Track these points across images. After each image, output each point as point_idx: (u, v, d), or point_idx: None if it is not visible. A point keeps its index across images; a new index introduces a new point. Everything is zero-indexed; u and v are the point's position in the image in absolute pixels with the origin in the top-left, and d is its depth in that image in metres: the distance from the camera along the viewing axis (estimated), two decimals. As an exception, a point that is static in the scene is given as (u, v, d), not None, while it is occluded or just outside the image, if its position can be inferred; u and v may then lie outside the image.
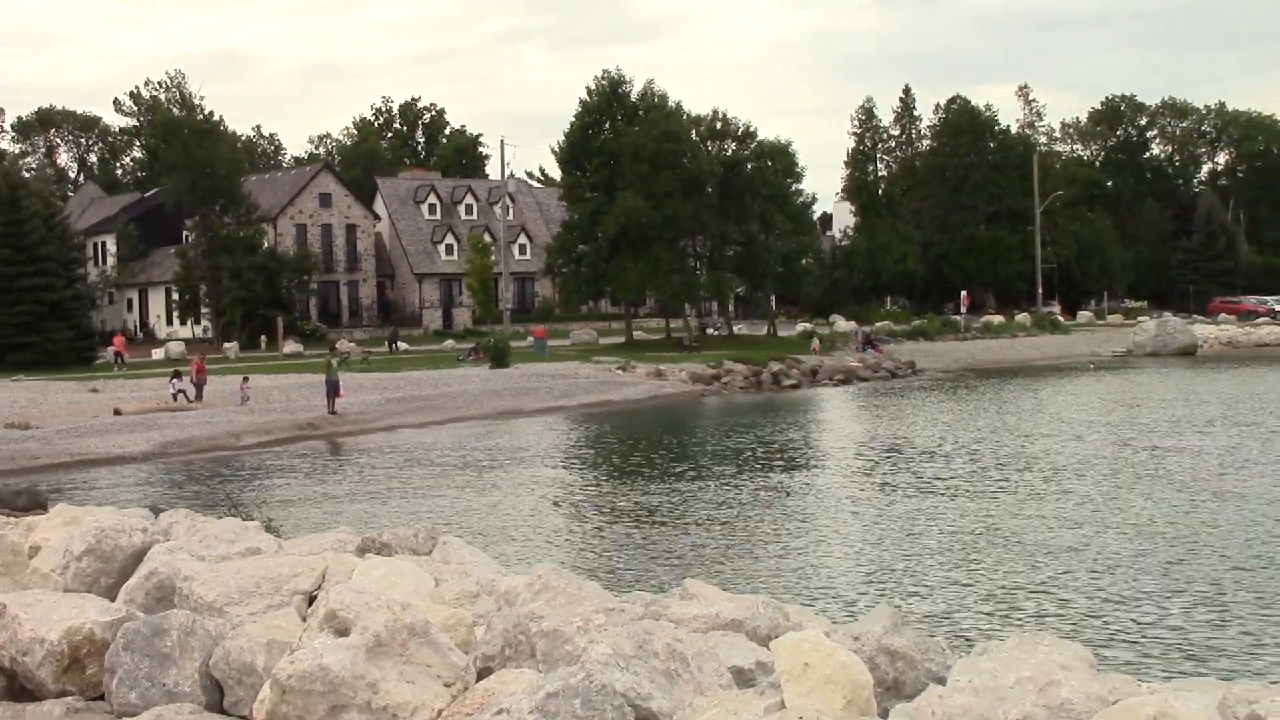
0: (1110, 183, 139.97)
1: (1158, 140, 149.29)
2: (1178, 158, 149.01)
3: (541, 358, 58.36)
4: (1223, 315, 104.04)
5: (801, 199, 79.05)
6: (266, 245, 79.17)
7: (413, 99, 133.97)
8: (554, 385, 48.73)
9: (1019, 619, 14.04)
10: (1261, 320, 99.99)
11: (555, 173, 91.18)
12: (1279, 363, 64.51)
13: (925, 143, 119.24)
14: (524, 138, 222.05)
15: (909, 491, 23.95)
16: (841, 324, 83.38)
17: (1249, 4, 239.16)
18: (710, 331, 78.03)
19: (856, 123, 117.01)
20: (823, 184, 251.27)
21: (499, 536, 19.96)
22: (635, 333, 74.84)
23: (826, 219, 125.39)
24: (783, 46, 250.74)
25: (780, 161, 74.53)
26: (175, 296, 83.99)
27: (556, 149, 74.25)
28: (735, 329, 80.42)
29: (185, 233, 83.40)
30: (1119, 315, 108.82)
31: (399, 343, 68.83)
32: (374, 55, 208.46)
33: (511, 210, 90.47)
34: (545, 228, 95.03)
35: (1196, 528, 19.08)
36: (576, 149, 71.77)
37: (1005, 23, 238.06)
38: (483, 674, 8.02)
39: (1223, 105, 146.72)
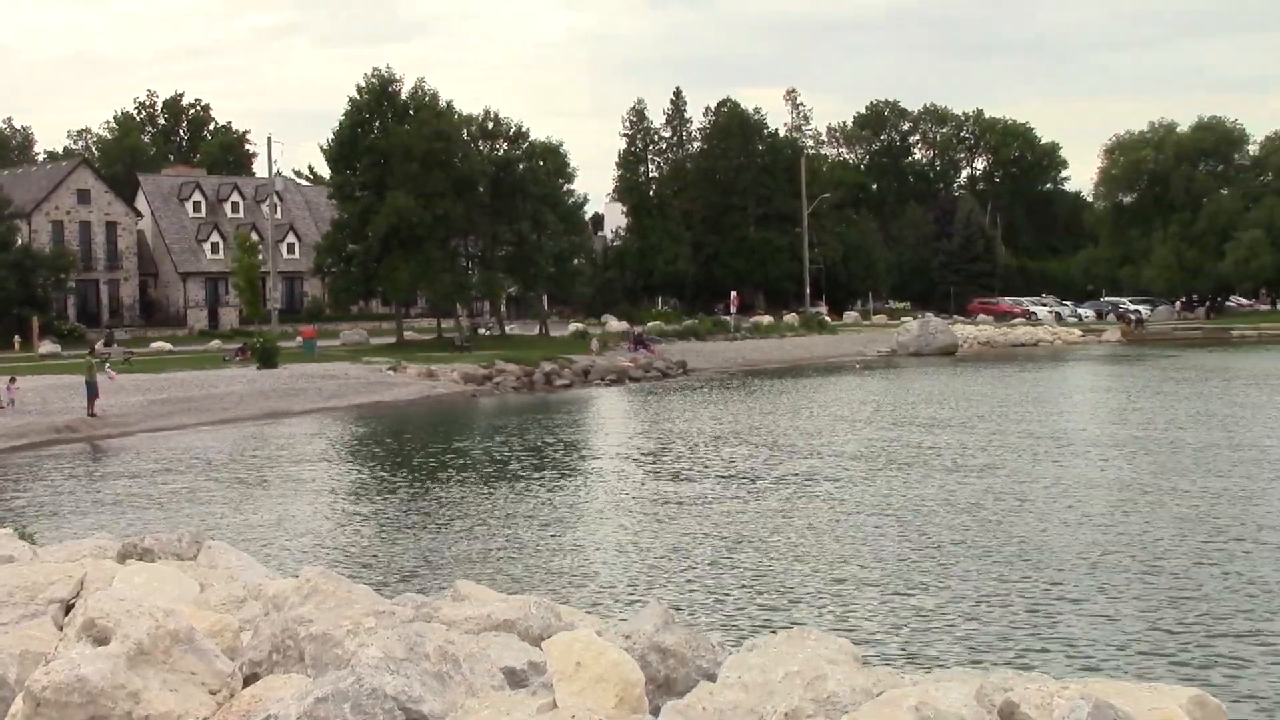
0: (874, 186, 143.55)
1: (919, 145, 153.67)
2: (938, 162, 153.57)
3: (311, 358, 57.46)
4: (981, 316, 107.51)
5: (573, 199, 79.39)
6: (20, 242, 76.24)
7: (177, 94, 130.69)
8: (323, 386, 48.01)
9: (789, 614, 14.24)
10: (1017, 321, 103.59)
11: (324, 171, 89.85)
12: (1031, 361, 66.94)
13: (696, 145, 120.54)
14: (292, 135, 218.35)
15: (680, 490, 24.16)
16: (613, 324, 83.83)
17: (1005, 14, 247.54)
18: (482, 331, 77.75)
19: (627, 124, 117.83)
20: (594, 185, 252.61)
21: (267, 540, 19.56)
22: (406, 333, 74.15)
23: (598, 219, 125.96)
24: (553, 47, 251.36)
25: (552, 162, 74.67)
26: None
27: (325, 147, 73.16)
28: (507, 329, 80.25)
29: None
30: (883, 316, 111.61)
31: (115, 344, 63.99)
32: (135, 48, 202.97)
33: (279, 209, 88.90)
34: (314, 227, 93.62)
35: (958, 524, 19.61)
36: (346, 147, 70.78)
37: (773, 27, 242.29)
38: (250, 680, 7.84)
39: (980, 112, 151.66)
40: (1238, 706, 10.35)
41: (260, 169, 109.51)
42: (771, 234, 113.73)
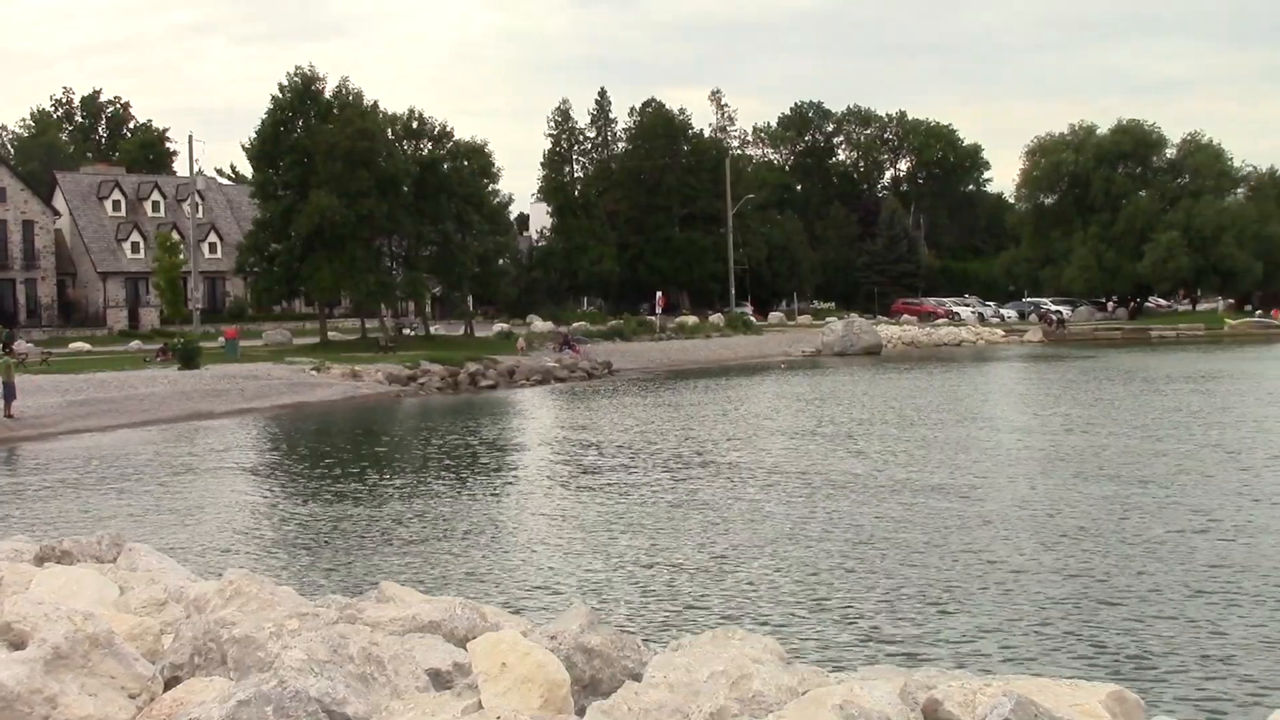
0: (799, 187, 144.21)
1: (843, 146, 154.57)
2: (862, 164, 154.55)
3: (233, 359, 56.97)
4: (905, 316, 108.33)
5: (498, 199, 79.22)
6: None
7: (95, 91, 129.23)
8: (246, 387, 47.62)
9: (716, 613, 14.27)
10: (940, 321, 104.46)
11: (247, 170, 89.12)
12: (954, 362, 67.54)
13: (621, 145, 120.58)
14: (213, 134, 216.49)
15: (605, 490, 24.16)
16: (539, 324, 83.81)
17: (927, 16, 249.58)
18: (407, 332, 77.42)
19: (553, 124, 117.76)
20: (519, 185, 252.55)
21: (190, 542, 19.37)
22: (330, 333, 73.71)
23: (523, 220, 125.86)
24: (478, 46, 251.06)
25: (476, 162, 74.48)
26: None
27: (247, 146, 72.49)
28: (432, 329, 79.96)
29: None
30: (808, 316, 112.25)
31: (16, 344, 61.43)
32: (51, 43, 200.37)
33: (201, 208, 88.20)
34: (237, 226, 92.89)
35: (884, 523, 19.72)
36: (268, 146, 70.17)
37: (698, 28, 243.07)
38: (171, 684, 7.77)
39: (904, 114, 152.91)
40: (1156, 701, 10.48)
41: (181, 167, 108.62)
42: (696, 234, 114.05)
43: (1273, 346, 76.64)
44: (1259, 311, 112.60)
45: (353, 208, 65.42)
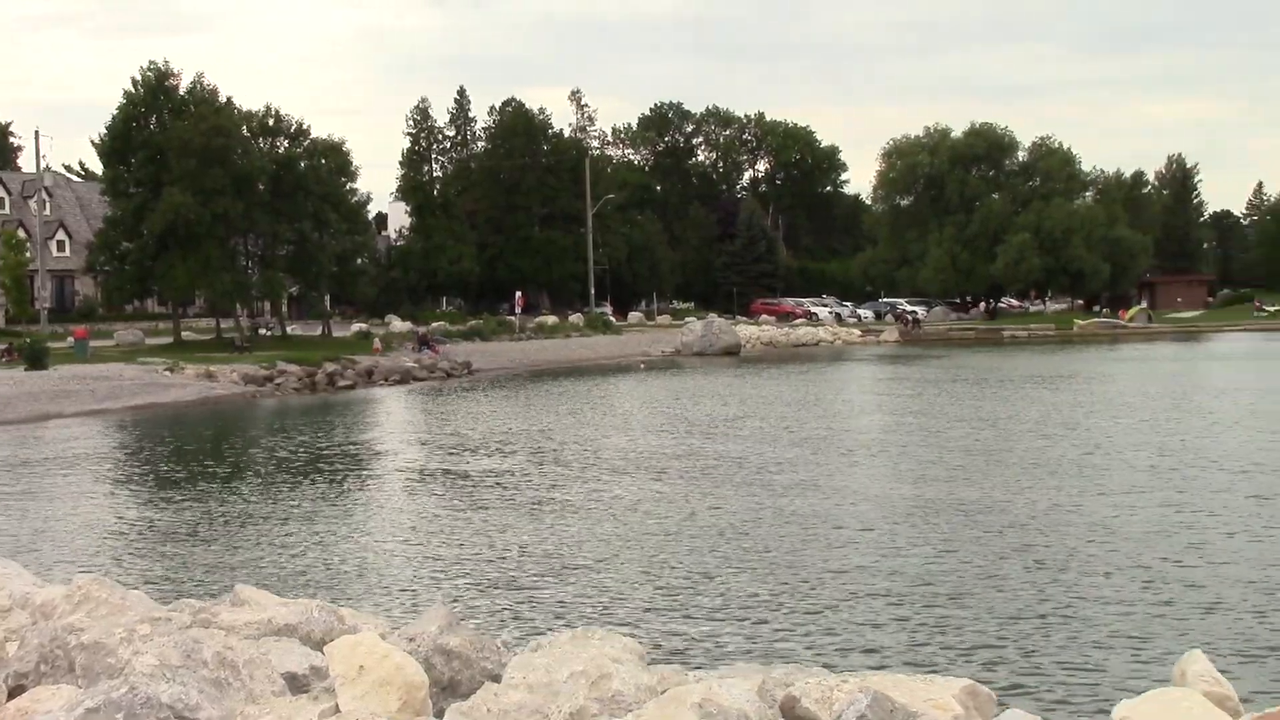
0: (659, 187, 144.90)
1: (703, 147, 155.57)
2: (721, 164, 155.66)
3: (83, 359, 55.75)
4: (764, 317, 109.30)
5: (356, 198, 78.55)
6: None
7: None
8: (97, 388, 46.63)
9: (575, 613, 14.25)
10: (799, 322, 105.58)
11: (97, 166, 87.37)
12: (812, 362, 68.30)
13: (480, 144, 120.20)
14: (61, 129, 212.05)
15: (465, 490, 24.03)
16: (397, 324, 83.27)
17: (785, 18, 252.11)
18: (263, 332, 76.40)
19: (411, 123, 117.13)
20: (378, 184, 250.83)
21: (35, 547, 18.91)
22: (185, 333, 72.54)
23: (382, 219, 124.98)
24: (335, 44, 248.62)
25: (334, 160, 73.83)
26: None
27: (98, 142, 71.07)
28: (289, 329, 79.06)
29: None
30: (668, 316, 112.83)
31: None
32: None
33: (48, 205, 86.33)
34: (87, 224, 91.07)
35: (743, 523, 19.83)
36: (120, 142, 68.84)
37: (557, 27, 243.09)
38: (15, 692, 7.59)
39: (762, 115, 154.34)
40: (1008, 694, 10.65)
41: (27, 163, 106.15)
42: (556, 234, 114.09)
43: (1118, 347, 78.50)
44: (1105, 311, 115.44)
45: (207, 206, 64.48)
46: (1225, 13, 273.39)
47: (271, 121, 72.83)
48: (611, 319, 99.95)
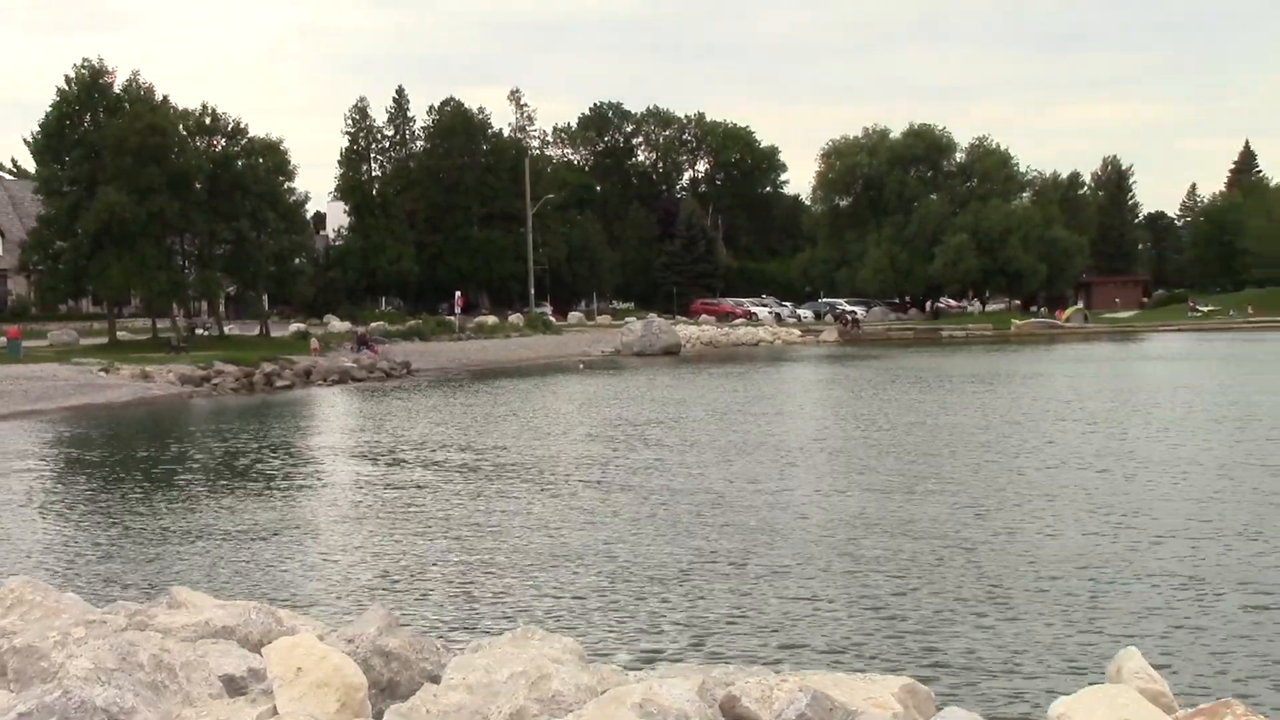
0: (599, 187, 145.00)
1: (643, 147, 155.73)
2: (661, 164, 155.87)
3: (15, 359, 55.12)
4: (704, 317, 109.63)
5: (294, 197, 78.06)
6: None
7: None
8: (30, 388, 46.12)
9: (515, 614, 14.21)
10: (738, 322, 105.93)
11: (30, 164, 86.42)
12: (751, 362, 68.55)
13: (419, 144, 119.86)
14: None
15: (404, 489, 23.92)
16: (336, 324, 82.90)
17: (725, 18, 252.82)
18: (200, 332, 75.83)
19: (350, 122, 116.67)
20: (316, 183, 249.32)
21: (-32, 550, 18.67)
22: (120, 333, 71.80)
23: (320, 218, 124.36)
24: (275, 42, 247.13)
25: (272, 159, 73.32)
26: None
27: (30, 139, 70.33)
28: (226, 329, 78.52)
29: None
30: (608, 316, 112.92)
31: None
32: None
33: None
34: (19, 222, 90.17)
35: (680, 522, 19.85)
36: (53, 140, 68.13)
37: (496, 26, 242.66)
38: (-55, 697, 7.46)
39: (702, 115, 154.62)
40: (946, 692, 10.70)
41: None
42: (496, 234, 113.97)
43: (1056, 347, 79.17)
44: (1042, 311, 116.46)
45: (143, 205, 63.87)
46: (1160, 17, 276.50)
47: (208, 120, 72.25)
48: (551, 319, 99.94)
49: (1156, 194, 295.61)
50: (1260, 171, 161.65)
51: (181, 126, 70.56)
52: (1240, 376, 48.87)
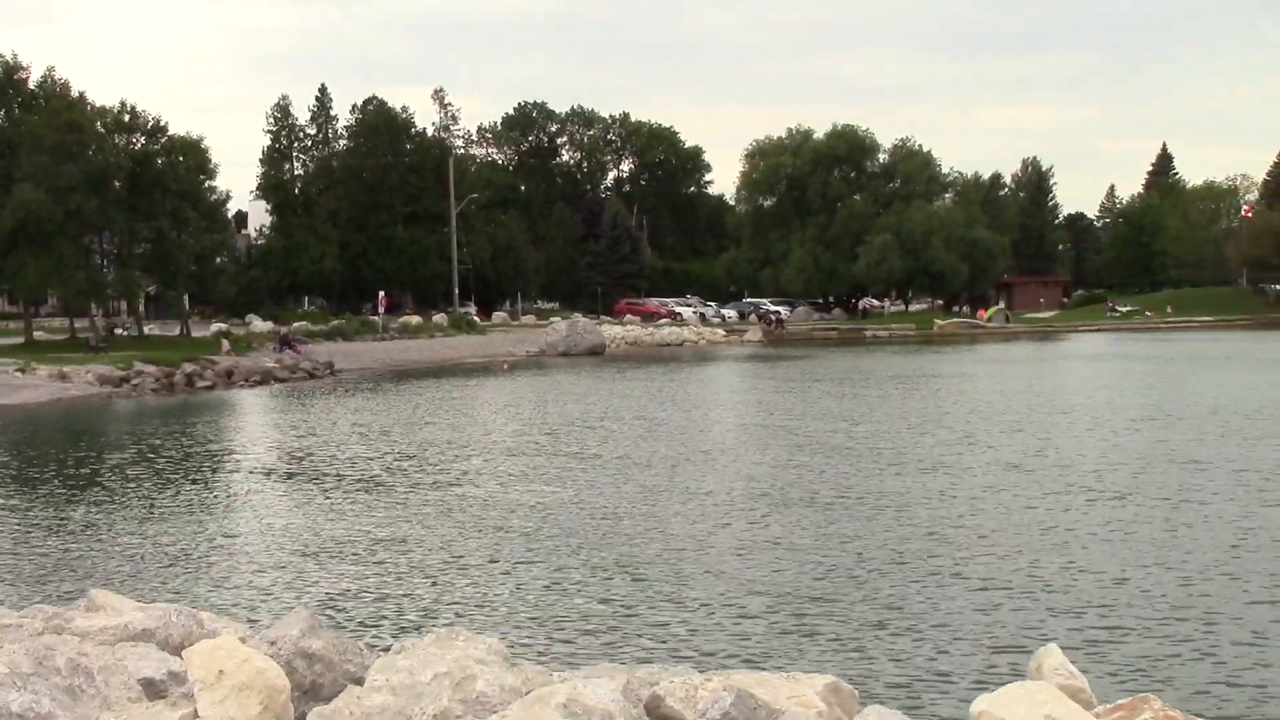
0: (523, 187, 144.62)
1: (567, 147, 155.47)
2: (586, 164, 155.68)
3: (-70, 360, 54.36)
4: (628, 316, 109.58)
5: (215, 196, 77.31)
6: None
7: None
8: (-56, 389, 45.46)
9: (439, 615, 14.14)
10: (663, 321, 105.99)
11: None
12: (676, 362, 68.69)
13: (342, 143, 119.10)
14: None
15: (325, 491, 23.75)
16: (258, 324, 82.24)
17: (650, 19, 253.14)
18: (119, 332, 74.92)
19: (272, 121, 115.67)
20: (238, 182, 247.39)
21: (-120, 553, 18.34)
22: (37, 333, 70.98)
23: (242, 217, 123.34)
24: (195, 39, 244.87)
25: (192, 157, 72.60)
26: None
27: (-61, 137, 69.35)
28: (147, 329, 77.69)
29: None
30: (532, 316, 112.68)
31: None
32: None
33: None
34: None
35: (609, 523, 19.84)
36: (-34, 138, 67.28)
37: (420, 25, 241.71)
38: None
39: (626, 115, 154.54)
40: (870, 690, 10.75)
41: None
42: (420, 234, 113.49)
43: (977, 347, 79.86)
44: (965, 310, 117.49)
45: (60, 203, 63.04)
46: (1079, 20, 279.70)
47: (127, 118, 71.38)
48: (476, 319, 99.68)
49: (1076, 195, 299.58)
50: (1177, 173, 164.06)
51: (100, 124, 69.73)
52: (1154, 379, 49.60)
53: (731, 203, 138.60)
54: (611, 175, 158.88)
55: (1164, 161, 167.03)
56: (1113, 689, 10.38)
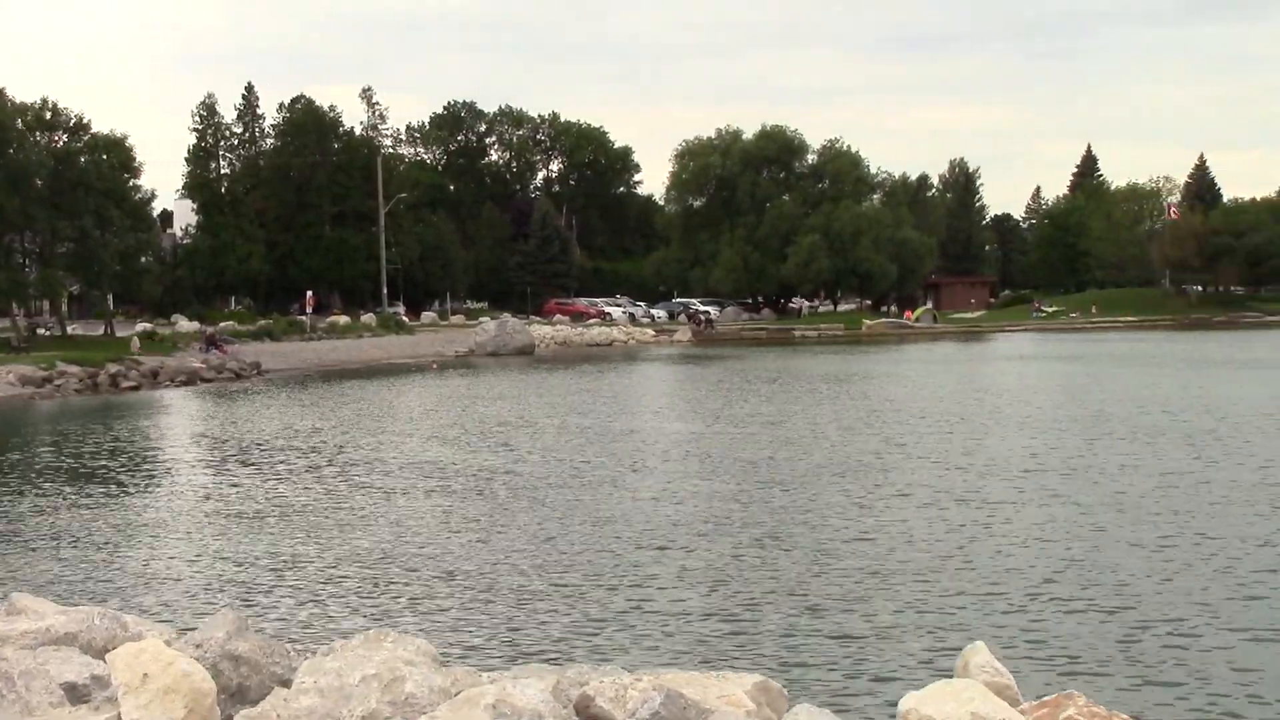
0: (452, 186, 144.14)
1: (496, 147, 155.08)
2: (515, 164, 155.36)
3: None
4: (558, 316, 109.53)
5: (140, 195, 76.49)
6: None
7: None
8: None
9: (367, 616, 14.07)
10: (592, 321, 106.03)
11: None
12: (606, 362, 68.73)
13: (269, 142, 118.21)
14: None
15: (253, 492, 23.56)
16: (184, 324, 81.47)
17: (579, 19, 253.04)
18: (42, 331, 73.95)
19: (198, 119, 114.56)
20: (163, 180, 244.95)
21: None
22: (-44, 333, 69.94)
23: (167, 216, 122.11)
24: (118, 36, 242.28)
25: (116, 155, 71.83)
26: None
27: None
28: (70, 329, 76.74)
29: None
30: (461, 316, 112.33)
31: None
32: None
33: None
34: None
35: (531, 519, 19.83)
36: (-118, 135, 66.12)
37: (348, 23, 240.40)
38: None
39: (556, 115, 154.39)
40: (798, 689, 10.78)
41: None
42: (348, 233, 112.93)
43: (904, 346, 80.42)
44: (893, 311, 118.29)
45: (-20, 201, 62.26)
46: (1006, 21, 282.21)
47: (49, 115, 70.49)
48: (404, 319, 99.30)
49: (1003, 196, 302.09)
50: (1101, 175, 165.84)
51: (20, 121, 68.80)
52: (1076, 378, 50.15)
53: (661, 203, 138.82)
54: (541, 175, 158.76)
55: (1089, 163, 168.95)
56: (1039, 685, 10.47)
